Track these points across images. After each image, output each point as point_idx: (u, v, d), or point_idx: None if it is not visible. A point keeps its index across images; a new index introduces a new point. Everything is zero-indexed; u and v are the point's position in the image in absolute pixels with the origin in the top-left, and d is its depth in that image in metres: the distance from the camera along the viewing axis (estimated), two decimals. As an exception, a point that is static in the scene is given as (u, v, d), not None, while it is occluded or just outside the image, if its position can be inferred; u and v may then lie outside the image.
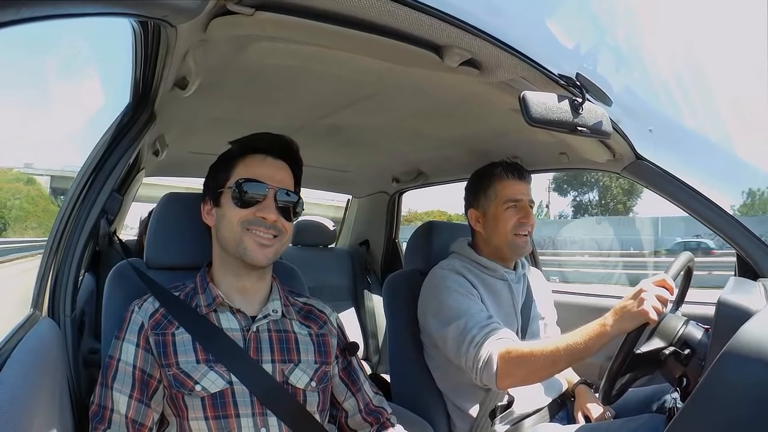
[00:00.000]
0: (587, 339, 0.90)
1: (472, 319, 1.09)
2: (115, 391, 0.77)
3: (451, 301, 1.14)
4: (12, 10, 0.38)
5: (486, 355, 1.03)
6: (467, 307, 1.12)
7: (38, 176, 11.71)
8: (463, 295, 1.15)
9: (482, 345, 1.04)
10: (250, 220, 0.83)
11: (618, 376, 0.94)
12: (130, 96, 0.95)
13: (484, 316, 1.11)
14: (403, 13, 0.74)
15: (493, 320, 1.10)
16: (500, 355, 1.01)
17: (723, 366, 0.70)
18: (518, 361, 0.98)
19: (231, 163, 0.87)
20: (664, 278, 0.90)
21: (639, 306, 0.86)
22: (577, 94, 0.89)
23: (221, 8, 0.71)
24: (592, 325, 0.92)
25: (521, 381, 1.05)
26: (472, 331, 1.07)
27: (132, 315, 0.82)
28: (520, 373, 1.00)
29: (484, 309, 1.14)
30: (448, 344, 1.13)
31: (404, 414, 1.14)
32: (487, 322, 1.09)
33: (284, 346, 0.86)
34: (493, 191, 1.24)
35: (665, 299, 0.87)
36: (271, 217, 0.83)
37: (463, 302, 1.13)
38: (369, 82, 1.08)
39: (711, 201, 1.20)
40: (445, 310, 1.14)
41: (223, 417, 0.78)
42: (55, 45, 10.30)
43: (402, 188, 2.24)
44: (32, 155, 13.47)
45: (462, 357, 1.08)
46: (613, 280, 11.07)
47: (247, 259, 0.83)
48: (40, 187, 11.00)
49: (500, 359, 1.01)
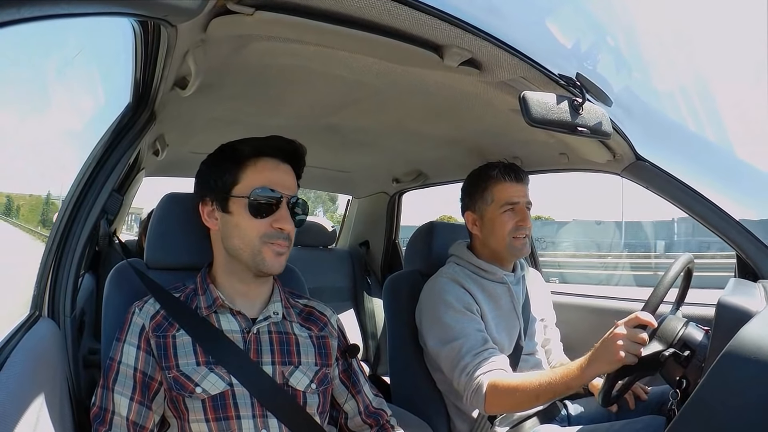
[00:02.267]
0: (567, 380, 0.94)
1: (467, 343, 1.10)
2: (116, 393, 0.77)
3: (448, 318, 1.14)
4: (12, 10, 0.38)
5: (476, 385, 1.06)
6: (463, 328, 1.12)
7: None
8: (460, 313, 1.14)
9: (473, 373, 1.07)
10: (270, 233, 0.82)
11: (618, 379, 0.94)
12: (130, 96, 0.95)
13: (479, 339, 1.12)
14: (404, 13, 0.74)
15: (487, 345, 1.11)
16: (489, 386, 1.04)
17: (723, 367, 0.70)
18: (505, 394, 1.03)
19: (239, 166, 0.84)
20: (637, 316, 0.88)
21: (615, 352, 0.87)
22: (577, 95, 0.89)
23: (221, 8, 0.71)
24: (572, 365, 0.95)
25: (508, 410, 1.12)
26: (465, 358, 1.09)
27: (133, 317, 0.82)
28: (506, 404, 1.06)
29: (481, 328, 1.14)
30: (441, 362, 1.15)
31: (404, 415, 1.14)
32: (481, 348, 1.10)
33: (285, 348, 0.85)
34: (490, 194, 1.22)
35: (643, 339, 0.87)
36: (288, 227, 0.83)
37: (460, 321, 1.13)
38: (369, 81, 1.08)
39: (711, 202, 1.20)
40: (442, 328, 1.14)
41: (224, 419, 0.78)
42: (55, 44, 10.30)
43: (402, 188, 2.24)
44: (31, 156, 13.39)
45: (454, 381, 1.12)
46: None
47: (264, 269, 0.82)
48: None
49: (489, 390, 1.04)
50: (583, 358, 0.94)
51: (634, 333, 0.87)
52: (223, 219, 0.85)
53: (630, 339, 0.87)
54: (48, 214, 1.49)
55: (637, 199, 17.91)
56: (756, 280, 1.14)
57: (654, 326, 0.90)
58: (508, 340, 1.20)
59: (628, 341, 0.87)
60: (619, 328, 0.89)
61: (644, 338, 0.87)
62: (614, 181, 1.35)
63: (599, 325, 1.47)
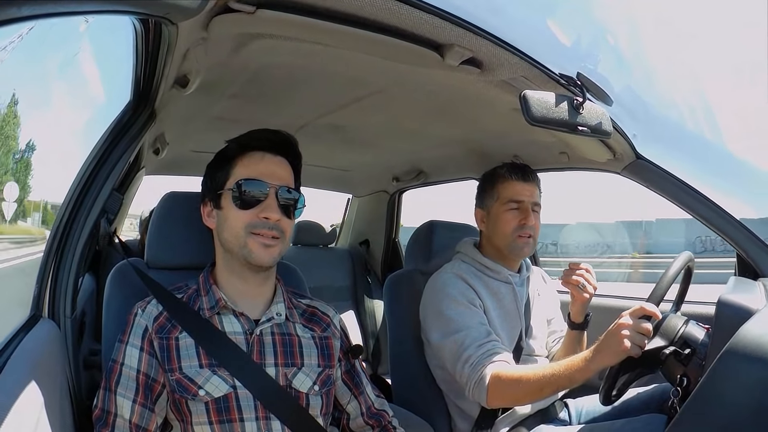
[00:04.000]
0: (571, 372, 0.94)
1: (470, 335, 1.10)
2: (119, 395, 0.77)
3: (451, 312, 1.14)
4: (13, 8, 0.38)
5: (479, 376, 1.06)
6: (466, 321, 1.12)
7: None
8: (463, 306, 1.14)
9: (476, 365, 1.07)
10: (254, 223, 0.82)
11: (619, 375, 0.94)
12: (131, 94, 0.95)
13: (483, 331, 1.11)
14: (405, 12, 0.74)
15: (491, 338, 1.11)
16: (492, 377, 1.04)
17: (723, 365, 0.70)
18: (508, 385, 1.02)
19: (229, 163, 0.86)
20: (642, 306, 0.89)
21: (620, 342, 0.87)
22: (577, 94, 0.89)
23: (222, 6, 0.71)
24: (576, 358, 0.95)
25: (510, 403, 1.11)
26: (469, 350, 1.09)
27: (135, 318, 0.81)
28: (509, 396, 1.05)
29: (484, 321, 1.14)
30: (445, 356, 1.14)
31: (405, 415, 1.14)
32: (485, 340, 1.10)
33: (288, 350, 0.85)
34: (496, 191, 1.23)
35: (647, 330, 0.87)
36: (274, 216, 0.82)
37: (463, 314, 1.13)
38: (370, 80, 1.08)
39: (711, 201, 1.20)
40: (445, 321, 1.14)
41: (227, 421, 0.78)
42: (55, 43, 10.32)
43: (402, 187, 2.24)
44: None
45: (457, 373, 1.11)
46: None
47: (252, 260, 0.82)
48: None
49: (492, 381, 1.04)
50: (587, 350, 0.94)
51: (638, 323, 0.87)
52: (217, 215, 0.86)
53: (635, 329, 0.87)
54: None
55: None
56: (756, 279, 1.14)
57: (659, 317, 0.91)
58: (508, 340, 1.20)
59: (633, 332, 0.87)
60: (624, 318, 0.89)
61: (649, 328, 0.87)
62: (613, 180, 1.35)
63: (603, 323, 1.48)
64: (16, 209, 1.38)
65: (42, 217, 1.47)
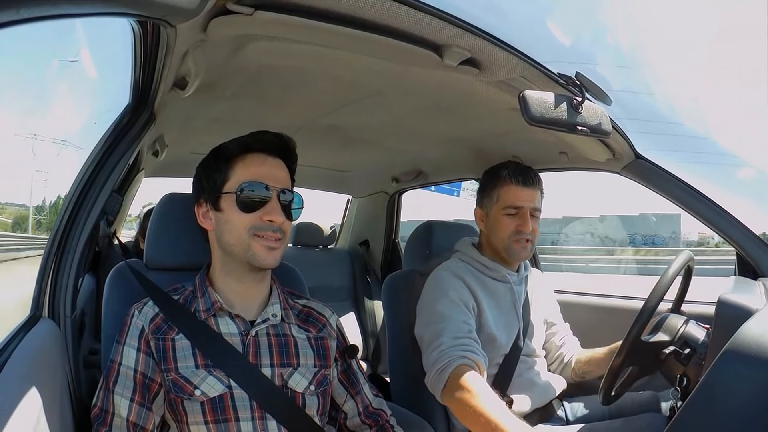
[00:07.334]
0: (502, 428, 0.89)
1: (449, 327, 1.09)
2: (117, 394, 0.77)
3: (439, 305, 1.14)
4: (12, 11, 0.38)
5: (444, 364, 1.03)
6: (450, 315, 1.11)
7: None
8: (453, 303, 1.14)
9: (446, 351, 1.05)
10: (258, 225, 0.82)
11: (620, 370, 0.94)
12: (130, 96, 0.95)
13: (464, 328, 1.10)
14: (403, 12, 0.74)
15: (471, 335, 1.09)
16: (454, 372, 1.01)
17: (723, 365, 0.70)
18: (463, 389, 0.98)
19: (227, 164, 0.85)
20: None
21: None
22: (576, 93, 0.89)
23: (221, 8, 0.71)
24: (519, 424, 0.92)
25: (456, 409, 1.03)
26: (443, 338, 1.07)
27: (132, 319, 0.82)
28: (456, 401, 1.00)
29: (469, 321, 1.13)
30: (422, 345, 1.14)
31: (404, 414, 1.14)
32: (463, 335, 1.08)
33: (283, 350, 0.85)
34: (496, 194, 1.22)
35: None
36: (278, 219, 0.82)
37: (450, 309, 1.12)
38: (368, 81, 1.08)
39: (711, 200, 1.20)
40: (431, 313, 1.14)
41: (223, 421, 0.78)
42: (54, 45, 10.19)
43: (402, 188, 2.24)
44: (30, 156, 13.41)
45: (425, 357, 1.10)
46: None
47: (256, 263, 0.82)
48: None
49: (452, 375, 1.01)
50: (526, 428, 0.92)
51: None
52: (216, 218, 0.85)
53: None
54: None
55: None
56: (756, 278, 1.14)
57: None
58: (506, 339, 1.20)
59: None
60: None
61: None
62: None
63: (601, 322, 1.48)
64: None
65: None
